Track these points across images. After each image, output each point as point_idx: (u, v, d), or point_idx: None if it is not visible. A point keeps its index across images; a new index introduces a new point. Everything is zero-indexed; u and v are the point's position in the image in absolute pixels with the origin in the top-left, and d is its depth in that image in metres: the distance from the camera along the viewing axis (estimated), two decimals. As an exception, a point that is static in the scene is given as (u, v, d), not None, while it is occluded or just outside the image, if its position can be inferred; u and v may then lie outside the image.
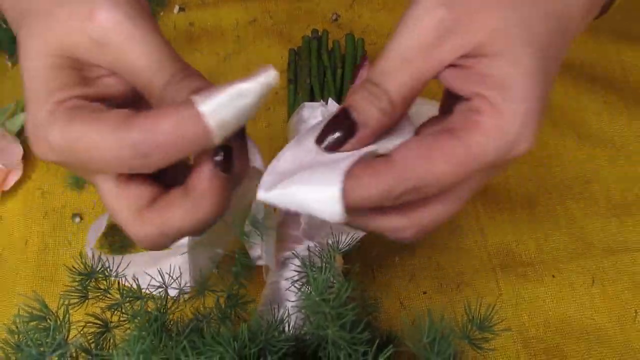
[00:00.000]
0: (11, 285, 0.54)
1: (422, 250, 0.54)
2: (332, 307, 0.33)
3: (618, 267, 0.53)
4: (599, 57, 0.63)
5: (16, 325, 0.34)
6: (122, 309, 0.37)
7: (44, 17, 0.33)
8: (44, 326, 0.34)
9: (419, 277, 0.53)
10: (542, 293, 0.52)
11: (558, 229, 0.55)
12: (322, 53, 0.59)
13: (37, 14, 0.34)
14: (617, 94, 0.61)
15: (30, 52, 0.33)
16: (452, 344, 0.32)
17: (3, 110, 0.62)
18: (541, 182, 0.57)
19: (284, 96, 0.61)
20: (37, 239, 0.57)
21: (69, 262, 0.55)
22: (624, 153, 0.58)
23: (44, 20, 0.33)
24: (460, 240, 0.55)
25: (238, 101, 0.30)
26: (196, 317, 0.38)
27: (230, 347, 0.32)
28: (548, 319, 0.51)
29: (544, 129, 0.59)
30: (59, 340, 0.33)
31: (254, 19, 0.68)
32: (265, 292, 0.46)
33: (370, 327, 0.35)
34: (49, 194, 0.59)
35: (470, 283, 0.53)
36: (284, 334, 0.35)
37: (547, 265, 0.53)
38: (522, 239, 0.54)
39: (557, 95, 0.61)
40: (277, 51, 0.65)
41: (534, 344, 0.50)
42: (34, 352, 0.32)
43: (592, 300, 0.52)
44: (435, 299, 0.52)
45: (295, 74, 0.59)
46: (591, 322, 0.51)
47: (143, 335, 0.33)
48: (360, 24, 0.67)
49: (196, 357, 0.32)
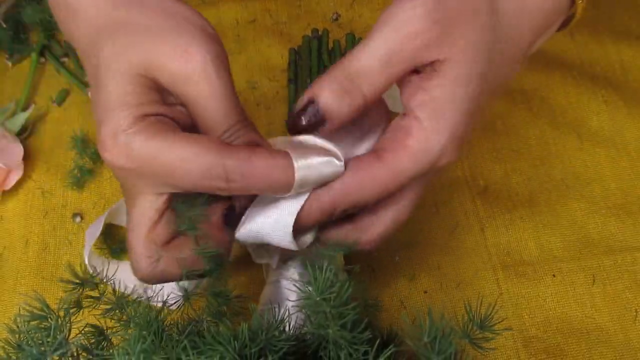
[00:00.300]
0: (12, 284, 0.54)
1: (423, 250, 0.54)
2: (333, 306, 0.33)
3: (619, 266, 0.53)
4: (599, 57, 0.63)
5: (17, 324, 0.34)
6: (117, 314, 0.37)
7: (144, 36, 0.36)
8: (44, 326, 0.34)
9: (420, 276, 0.53)
10: (543, 292, 0.52)
11: (559, 228, 0.55)
12: (323, 52, 0.59)
13: (136, 31, 0.36)
14: (618, 94, 0.61)
15: (121, 61, 0.36)
16: (453, 343, 0.32)
17: (3, 109, 0.62)
18: (541, 182, 0.57)
19: (285, 95, 0.62)
20: (37, 238, 0.57)
21: (69, 262, 0.55)
22: (625, 152, 0.58)
23: (143, 38, 0.36)
24: (460, 240, 0.55)
25: (323, 169, 0.35)
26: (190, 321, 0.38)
27: (231, 346, 0.32)
28: (548, 319, 0.51)
29: (545, 128, 0.59)
30: (59, 339, 0.33)
31: (254, 18, 0.68)
32: (266, 292, 0.46)
33: (371, 326, 0.35)
34: (50, 194, 0.59)
35: (470, 282, 0.53)
36: (284, 334, 0.35)
37: (548, 264, 0.53)
38: (522, 239, 0.54)
39: (558, 94, 0.61)
40: (278, 51, 0.65)
41: (535, 343, 0.50)
42: (34, 352, 0.32)
43: (593, 299, 0.52)
44: (436, 298, 0.52)
45: (295, 73, 0.59)
46: (592, 321, 0.51)
47: (143, 334, 0.33)
48: (360, 24, 0.67)
49: (196, 357, 0.32)
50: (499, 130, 0.60)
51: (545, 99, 0.61)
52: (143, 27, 0.36)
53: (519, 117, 0.60)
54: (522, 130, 0.60)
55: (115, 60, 0.36)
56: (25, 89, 0.64)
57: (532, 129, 0.60)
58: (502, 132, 0.60)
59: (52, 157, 0.61)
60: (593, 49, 0.64)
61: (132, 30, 0.36)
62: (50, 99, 0.64)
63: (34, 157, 0.61)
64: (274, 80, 0.63)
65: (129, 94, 0.35)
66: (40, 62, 0.67)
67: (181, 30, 0.36)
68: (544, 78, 0.62)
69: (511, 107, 0.61)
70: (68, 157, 0.61)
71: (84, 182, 0.59)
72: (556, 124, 0.60)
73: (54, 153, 0.61)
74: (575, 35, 0.65)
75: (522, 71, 0.63)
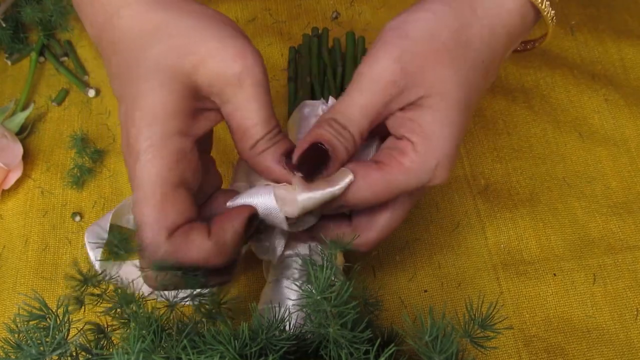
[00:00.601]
0: (11, 284, 0.54)
1: (423, 249, 0.54)
2: (333, 305, 0.33)
3: (619, 265, 0.53)
4: (600, 55, 0.63)
5: (16, 324, 0.34)
6: (118, 312, 0.37)
7: (188, 38, 0.38)
8: (44, 325, 0.34)
9: (420, 275, 0.53)
10: (544, 291, 0.52)
11: (559, 227, 0.55)
12: (323, 51, 0.59)
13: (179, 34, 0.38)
14: (618, 92, 0.61)
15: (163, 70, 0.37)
16: (455, 342, 0.32)
17: (3, 109, 0.62)
18: (542, 180, 0.57)
19: (285, 94, 0.61)
20: (37, 237, 0.57)
21: (69, 261, 0.55)
22: (626, 150, 0.58)
23: (187, 40, 0.38)
24: (461, 239, 0.54)
25: (322, 198, 0.39)
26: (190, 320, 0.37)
27: (231, 346, 0.32)
28: (549, 318, 0.51)
29: (546, 127, 0.59)
30: (59, 339, 0.33)
31: (254, 17, 0.68)
32: (266, 291, 0.46)
33: (371, 325, 0.35)
34: (49, 193, 0.59)
35: (471, 281, 0.52)
36: (284, 333, 0.35)
37: (549, 263, 0.53)
38: (523, 237, 0.54)
39: (559, 93, 0.61)
40: (278, 49, 0.65)
41: (535, 342, 0.50)
42: (33, 351, 0.32)
43: (594, 298, 0.51)
44: (436, 297, 0.52)
45: (295, 72, 0.58)
46: (592, 320, 0.51)
47: (143, 334, 0.33)
48: (360, 22, 0.67)
49: (197, 356, 0.32)
50: (499, 129, 0.60)
51: (546, 98, 0.61)
52: (185, 29, 0.38)
53: (519, 115, 0.60)
54: (523, 129, 0.60)
55: (156, 69, 0.37)
56: (24, 88, 0.64)
57: (533, 128, 0.60)
58: (503, 131, 0.60)
59: (51, 156, 0.61)
60: (594, 47, 0.64)
61: (175, 32, 0.38)
62: (50, 99, 0.64)
63: (33, 156, 0.61)
64: (274, 79, 0.63)
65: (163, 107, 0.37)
66: (40, 61, 0.66)
67: (232, 33, 0.38)
68: (544, 77, 0.62)
69: (512, 105, 0.61)
70: (67, 157, 0.60)
71: (84, 181, 0.59)
72: (557, 122, 0.60)
73: (53, 152, 0.61)
74: (576, 34, 0.65)
75: (522, 69, 0.63)
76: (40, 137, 0.62)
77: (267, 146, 0.39)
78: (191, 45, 0.37)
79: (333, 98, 0.50)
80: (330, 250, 0.39)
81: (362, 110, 0.39)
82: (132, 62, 0.38)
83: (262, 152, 0.39)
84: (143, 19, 0.38)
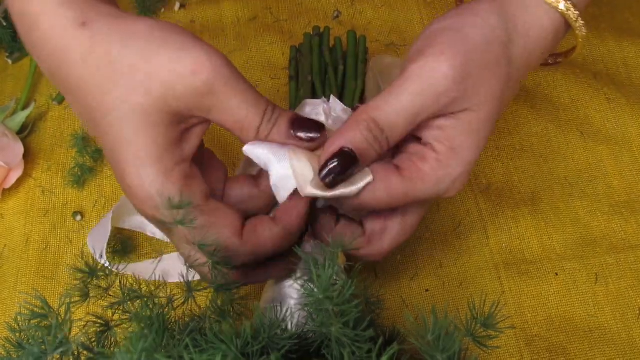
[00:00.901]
0: (12, 283, 0.54)
1: (425, 249, 0.54)
2: (335, 304, 0.33)
3: (621, 264, 0.53)
4: (601, 55, 0.63)
5: (18, 323, 0.34)
6: (123, 307, 0.37)
7: (143, 75, 0.36)
8: (45, 324, 0.34)
9: (422, 275, 0.53)
10: (545, 291, 0.52)
11: (561, 227, 0.55)
12: (324, 50, 0.58)
13: (131, 72, 0.36)
14: (620, 91, 0.61)
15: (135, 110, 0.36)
16: (458, 341, 0.32)
17: (4, 108, 0.62)
18: (544, 179, 0.57)
19: (286, 93, 0.61)
20: (38, 237, 0.57)
21: (70, 260, 0.55)
22: (628, 149, 0.58)
23: (143, 77, 0.36)
24: (463, 238, 0.54)
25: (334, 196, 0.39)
26: (193, 318, 0.37)
27: (233, 344, 0.32)
28: (551, 317, 0.51)
29: (548, 126, 0.59)
30: (60, 338, 0.33)
31: (255, 16, 0.68)
32: (268, 290, 0.45)
33: (373, 324, 0.35)
34: (50, 192, 0.59)
35: (472, 281, 0.52)
36: (287, 332, 0.35)
37: (551, 262, 0.53)
38: (525, 237, 0.54)
39: (561, 92, 0.61)
40: (279, 48, 0.65)
41: (537, 342, 0.50)
42: (35, 350, 0.32)
43: (596, 298, 0.51)
44: (438, 296, 0.52)
45: (296, 71, 0.58)
46: (594, 320, 0.51)
47: (145, 333, 0.33)
48: (361, 21, 0.66)
49: (199, 355, 0.32)
50: (501, 128, 0.60)
51: (548, 97, 0.61)
52: (136, 59, 0.36)
53: (521, 115, 0.60)
54: (524, 128, 0.59)
55: (130, 113, 0.36)
56: (25, 87, 0.64)
57: (534, 127, 0.59)
58: (504, 130, 0.59)
59: (52, 155, 0.61)
60: (596, 46, 0.64)
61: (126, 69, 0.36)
62: (51, 98, 0.64)
63: (34, 155, 0.61)
64: (275, 78, 0.63)
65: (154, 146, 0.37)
66: (41, 60, 0.66)
67: (181, 44, 0.36)
68: (546, 76, 0.62)
69: (514, 104, 0.61)
70: (68, 156, 0.60)
71: (85, 180, 0.59)
72: (559, 121, 0.60)
73: (54, 151, 0.61)
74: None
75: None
76: (41, 136, 0.62)
77: (269, 128, 0.39)
78: (150, 77, 0.36)
79: (334, 97, 0.50)
80: (332, 249, 0.39)
81: (407, 118, 0.37)
82: (94, 105, 0.37)
83: (267, 135, 0.39)
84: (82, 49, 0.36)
